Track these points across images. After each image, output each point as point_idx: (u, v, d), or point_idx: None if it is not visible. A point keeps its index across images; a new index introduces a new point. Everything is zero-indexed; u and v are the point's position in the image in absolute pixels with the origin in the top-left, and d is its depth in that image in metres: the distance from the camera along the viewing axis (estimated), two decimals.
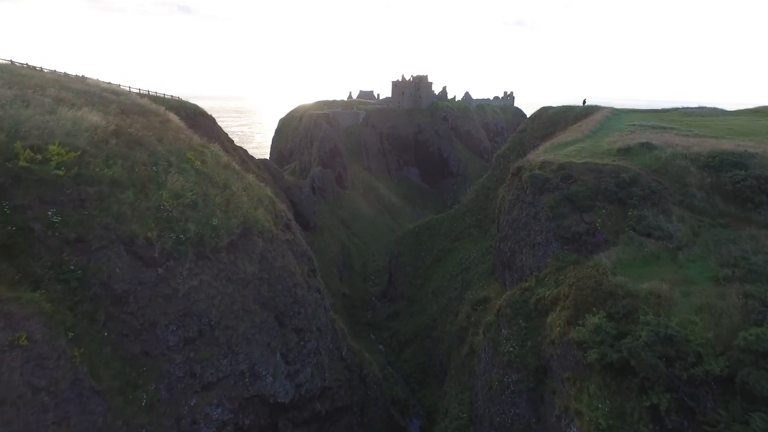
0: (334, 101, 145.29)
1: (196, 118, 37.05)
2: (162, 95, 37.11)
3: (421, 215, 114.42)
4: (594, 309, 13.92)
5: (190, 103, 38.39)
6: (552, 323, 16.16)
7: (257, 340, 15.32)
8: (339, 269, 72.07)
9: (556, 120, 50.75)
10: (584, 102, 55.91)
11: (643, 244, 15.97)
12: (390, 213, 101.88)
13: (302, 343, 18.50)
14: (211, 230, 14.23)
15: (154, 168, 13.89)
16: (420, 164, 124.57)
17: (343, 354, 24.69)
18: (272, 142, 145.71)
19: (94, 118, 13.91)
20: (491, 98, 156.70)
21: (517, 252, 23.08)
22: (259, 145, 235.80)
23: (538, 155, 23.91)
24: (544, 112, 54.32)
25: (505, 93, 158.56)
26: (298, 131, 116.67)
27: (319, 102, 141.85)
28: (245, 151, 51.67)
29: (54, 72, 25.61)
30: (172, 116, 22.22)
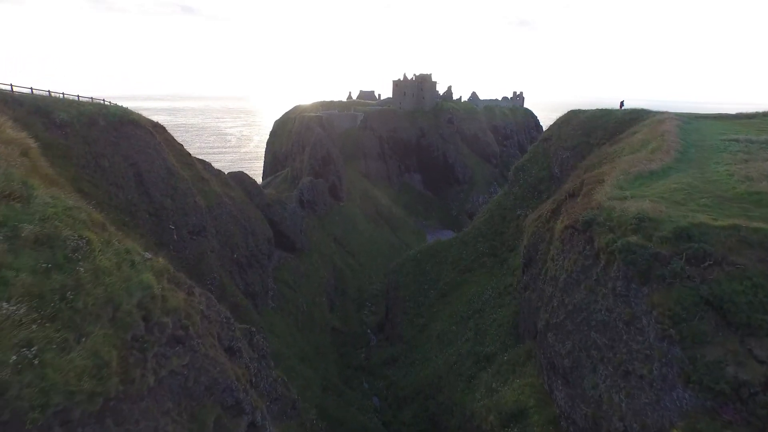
0: (332, 102, 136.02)
1: (123, 129, 27.63)
2: (75, 97, 27.71)
3: (423, 226, 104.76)
4: None
5: (116, 108, 28.88)
6: None
7: None
8: (330, 297, 62.66)
9: (590, 127, 41.07)
10: (622, 105, 46.17)
11: None
12: (390, 225, 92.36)
13: None
14: None
15: None
16: (423, 170, 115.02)
17: None
18: (266, 145, 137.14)
19: None
20: (499, 99, 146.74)
21: (584, 364, 13.56)
22: (256, 148, 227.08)
23: (619, 200, 14.18)
24: (574, 117, 44.62)
25: (515, 93, 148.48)
26: (291, 135, 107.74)
27: (317, 103, 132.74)
28: (209, 164, 42.33)
29: None
30: None
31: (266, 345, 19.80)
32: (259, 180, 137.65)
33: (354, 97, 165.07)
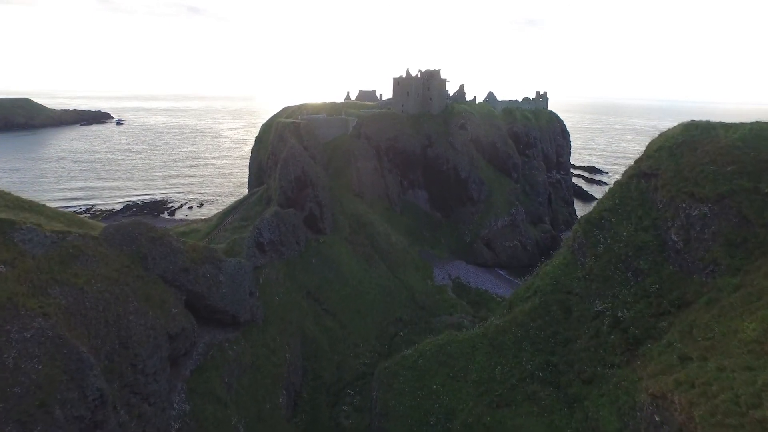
0: (324, 104, 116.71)
1: None
2: None
3: (430, 256, 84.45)
4: None
5: None
6: None
7: None
8: (293, 390, 43.01)
9: (755, 161, 20.89)
10: None
11: None
12: (387, 261, 72.20)
13: None
14: None
15: None
16: (430, 187, 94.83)
17: None
18: (251, 153, 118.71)
19: None
20: (519, 99, 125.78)
21: None
22: (250, 152, 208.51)
23: None
24: (705, 139, 24.34)
25: (537, 93, 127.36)
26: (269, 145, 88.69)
27: (311, 104, 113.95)
28: (71, 215, 22.80)
29: None
30: None
31: None
32: (244, 191, 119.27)
33: (353, 97, 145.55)
